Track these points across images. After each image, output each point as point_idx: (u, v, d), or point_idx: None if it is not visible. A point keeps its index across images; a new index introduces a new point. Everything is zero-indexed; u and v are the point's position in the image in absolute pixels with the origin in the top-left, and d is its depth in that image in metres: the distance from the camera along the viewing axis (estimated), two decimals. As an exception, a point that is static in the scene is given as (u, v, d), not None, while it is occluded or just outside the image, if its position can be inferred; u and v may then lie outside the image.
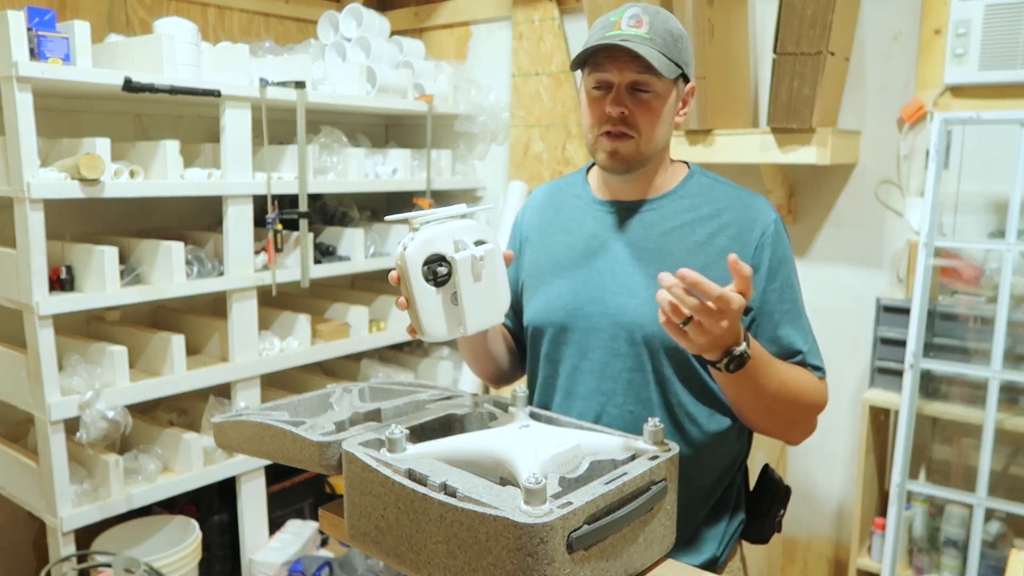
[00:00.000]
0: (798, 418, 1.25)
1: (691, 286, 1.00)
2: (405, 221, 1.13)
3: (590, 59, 1.23)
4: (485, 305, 1.15)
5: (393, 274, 1.13)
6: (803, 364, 1.25)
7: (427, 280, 1.10)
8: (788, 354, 1.25)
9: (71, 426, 2.05)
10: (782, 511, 1.39)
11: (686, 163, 1.37)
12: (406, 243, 1.10)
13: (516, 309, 1.46)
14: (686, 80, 1.27)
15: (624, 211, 1.32)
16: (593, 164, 1.41)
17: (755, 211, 1.27)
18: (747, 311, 1.24)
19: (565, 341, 1.32)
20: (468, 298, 1.12)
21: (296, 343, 2.58)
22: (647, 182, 1.32)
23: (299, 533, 2.60)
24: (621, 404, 1.28)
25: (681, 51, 1.23)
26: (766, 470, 1.42)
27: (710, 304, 1.00)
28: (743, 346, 1.09)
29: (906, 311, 2.10)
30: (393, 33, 3.04)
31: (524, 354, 1.46)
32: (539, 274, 1.37)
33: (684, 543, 1.26)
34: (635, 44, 1.17)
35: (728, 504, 1.33)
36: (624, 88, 1.22)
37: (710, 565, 1.28)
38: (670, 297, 1.02)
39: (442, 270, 1.11)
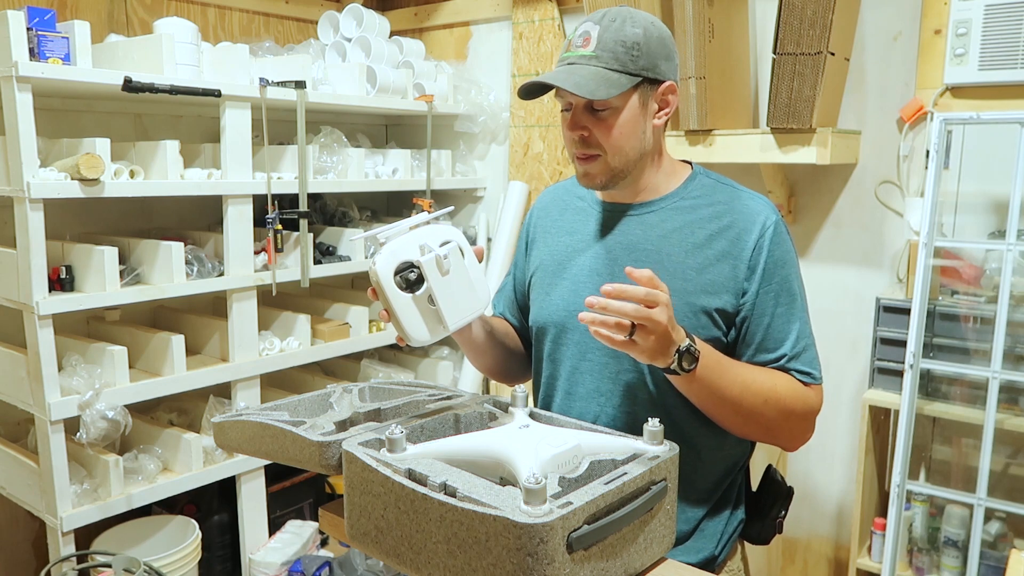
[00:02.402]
0: (776, 424, 1.23)
1: (618, 297, 1.05)
2: (374, 239, 1.19)
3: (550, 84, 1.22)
4: (461, 300, 1.19)
5: (370, 290, 1.18)
6: (784, 368, 1.24)
7: (401, 289, 1.15)
8: (773, 358, 1.24)
9: (71, 426, 2.05)
10: (784, 512, 1.39)
11: (690, 163, 1.37)
12: (375, 259, 1.15)
13: (524, 309, 1.47)
14: (656, 82, 1.23)
15: (625, 213, 1.33)
16: None
17: (755, 213, 1.26)
18: (736, 313, 1.24)
19: (565, 342, 1.33)
20: (442, 296, 1.17)
21: (296, 343, 2.58)
22: (643, 186, 1.31)
23: (299, 533, 2.60)
24: (619, 405, 1.28)
25: (636, 58, 1.19)
26: (769, 470, 1.42)
27: (641, 306, 1.04)
28: (687, 342, 1.11)
29: (906, 311, 2.10)
30: (393, 33, 3.04)
31: (531, 353, 1.47)
32: (543, 275, 1.39)
33: (682, 541, 1.27)
34: (572, 69, 1.19)
35: (728, 504, 1.33)
36: (581, 109, 1.23)
37: (708, 563, 1.28)
38: (606, 318, 1.06)
39: (412, 275, 1.15)
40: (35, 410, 2.03)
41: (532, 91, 1.23)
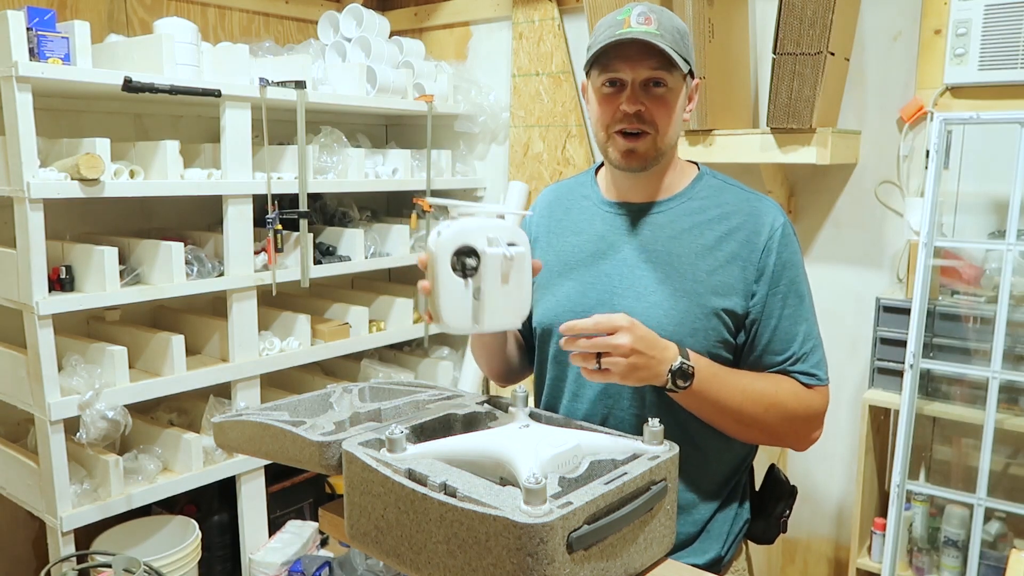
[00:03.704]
0: (779, 429, 1.24)
1: (570, 332, 1.11)
2: (445, 208, 1.16)
3: (600, 58, 1.23)
4: (505, 306, 1.15)
5: (422, 256, 1.13)
6: (789, 371, 1.25)
7: (455, 270, 1.11)
8: (780, 360, 1.25)
9: (71, 426, 2.05)
10: (788, 511, 1.39)
11: (696, 164, 1.37)
12: (441, 229, 1.11)
13: None
14: (692, 76, 1.27)
15: (633, 213, 1.32)
16: (601, 164, 1.41)
17: (763, 215, 1.27)
18: (746, 315, 1.24)
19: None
20: (490, 295, 1.12)
21: (296, 343, 2.57)
22: (657, 182, 1.31)
23: (299, 533, 2.60)
24: (628, 408, 1.28)
25: (688, 48, 1.24)
26: (772, 470, 1.42)
27: (598, 337, 1.09)
28: (678, 360, 1.13)
29: (906, 311, 2.10)
30: (393, 33, 3.04)
31: (532, 353, 1.46)
32: (548, 275, 1.37)
33: (689, 543, 1.27)
34: (650, 39, 1.18)
35: (733, 504, 1.33)
36: (638, 85, 1.22)
37: (715, 564, 1.28)
38: (575, 350, 1.11)
39: (471, 262, 1.11)
40: (35, 410, 2.03)
41: (605, 51, 1.21)
